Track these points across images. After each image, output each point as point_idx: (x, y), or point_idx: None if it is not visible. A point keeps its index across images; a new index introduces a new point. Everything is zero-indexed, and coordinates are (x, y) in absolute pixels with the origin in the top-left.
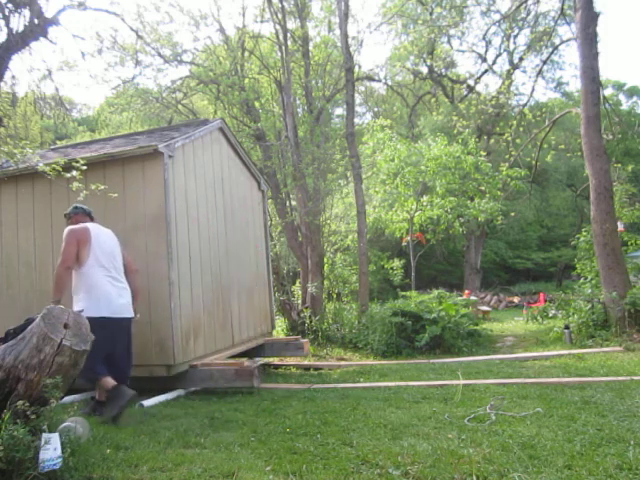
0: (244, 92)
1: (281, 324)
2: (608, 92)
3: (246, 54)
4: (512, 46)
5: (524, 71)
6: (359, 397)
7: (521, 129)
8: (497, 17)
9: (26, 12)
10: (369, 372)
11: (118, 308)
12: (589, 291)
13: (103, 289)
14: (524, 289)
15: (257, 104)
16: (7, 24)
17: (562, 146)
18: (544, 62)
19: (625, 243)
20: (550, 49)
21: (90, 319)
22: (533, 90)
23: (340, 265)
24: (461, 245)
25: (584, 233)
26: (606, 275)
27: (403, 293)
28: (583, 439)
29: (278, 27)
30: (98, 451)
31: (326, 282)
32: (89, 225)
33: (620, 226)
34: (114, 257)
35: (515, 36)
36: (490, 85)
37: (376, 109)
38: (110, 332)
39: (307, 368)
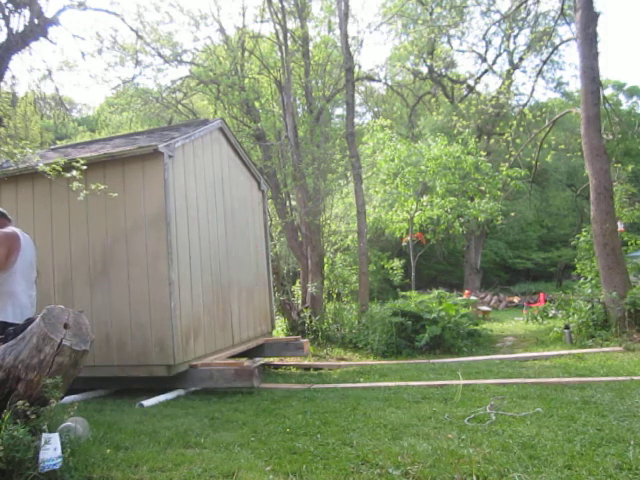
0: (244, 92)
1: (281, 324)
2: (608, 92)
3: (246, 54)
4: (512, 46)
5: (524, 71)
6: (359, 397)
7: (521, 129)
8: (497, 17)
9: (26, 12)
10: (369, 372)
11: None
12: (589, 291)
13: (21, 298)
14: (524, 289)
15: (257, 104)
16: (7, 24)
17: (562, 146)
18: (544, 62)
19: (625, 243)
20: (550, 49)
21: (9, 324)
22: (533, 90)
23: (340, 265)
24: (461, 245)
25: (584, 233)
26: (606, 275)
27: (403, 293)
28: (583, 439)
29: (278, 27)
30: (98, 451)
31: (326, 282)
32: (18, 232)
33: (620, 226)
34: (31, 267)
35: (515, 36)
36: (490, 85)
37: (376, 109)
38: None
39: (307, 368)
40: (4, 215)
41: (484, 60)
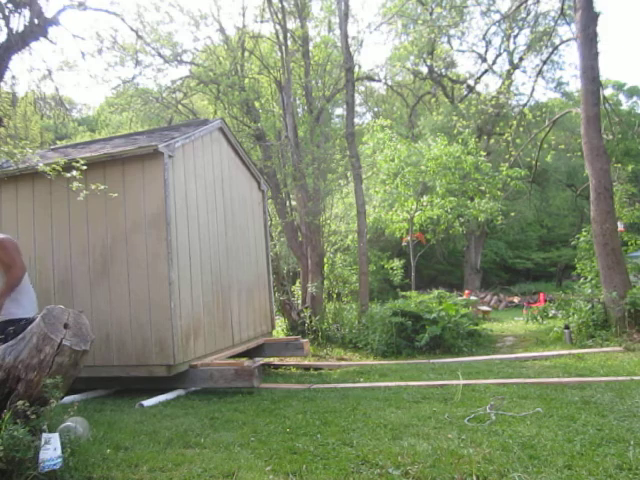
0: (244, 92)
1: (281, 324)
2: (608, 92)
3: (246, 54)
4: (512, 46)
5: (524, 71)
6: (359, 397)
7: (521, 129)
8: (497, 17)
9: (26, 12)
10: (369, 372)
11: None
12: (589, 291)
13: (32, 294)
14: (524, 289)
15: (257, 104)
16: (7, 24)
17: (562, 146)
18: (544, 62)
19: (625, 243)
20: (550, 49)
21: (25, 319)
22: (533, 90)
23: (340, 265)
24: (461, 245)
25: (584, 233)
26: (606, 275)
27: (403, 293)
28: (583, 439)
29: (278, 27)
30: (98, 451)
31: (326, 282)
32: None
33: (620, 226)
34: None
35: (515, 36)
36: (490, 85)
37: (376, 109)
38: None
39: (307, 368)
40: None
41: (484, 60)
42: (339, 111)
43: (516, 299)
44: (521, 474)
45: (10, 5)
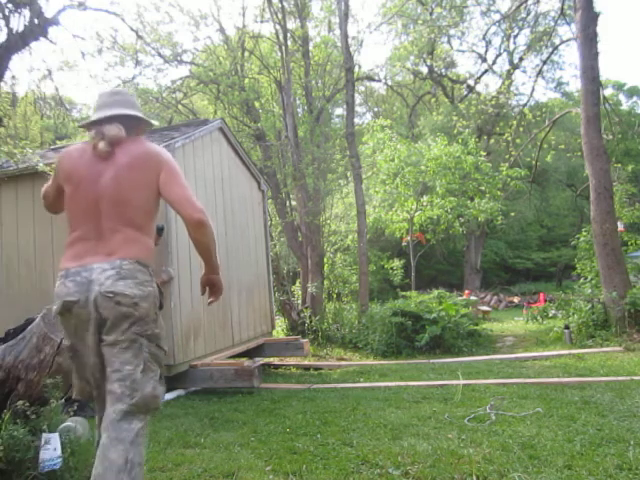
0: (244, 92)
1: (281, 324)
2: (608, 92)
3: (246, 54)
4: (512, 46)
5: (524, 71)
6: (359, 397)
7: (521, 129)
8: (497, 17)
9: (26, 12)
10: (369, 372)
11: None
12: (589, 291)
13: None
14: (524, 289)
15: (257, 104)
16: (7, 24)
17: (562, 146)
18: (544, 62)
19: (625, 243)
20: (550, 49)
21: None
22: (533, 90)
23: (340, 265)
24: (461, 245)
25: (584, 233)
26: (606, 275)
27: (403, 293)
28: (583, 439)
29: (278, 27)
30: None
31: (326, 282)
32: None
33: (620, 226)
34: None
35: (515, 36)
36: (490, 85)
37: (376, 109)
38: None
39: (307, 368)
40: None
41: (484, 60)
42: (339, 111)
43: (516, 299)
44: (521, 474)
45: (10, 5)
